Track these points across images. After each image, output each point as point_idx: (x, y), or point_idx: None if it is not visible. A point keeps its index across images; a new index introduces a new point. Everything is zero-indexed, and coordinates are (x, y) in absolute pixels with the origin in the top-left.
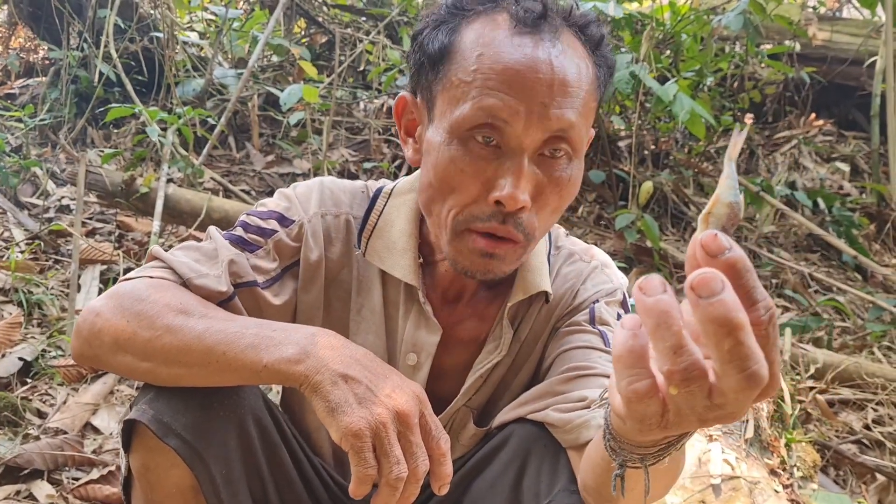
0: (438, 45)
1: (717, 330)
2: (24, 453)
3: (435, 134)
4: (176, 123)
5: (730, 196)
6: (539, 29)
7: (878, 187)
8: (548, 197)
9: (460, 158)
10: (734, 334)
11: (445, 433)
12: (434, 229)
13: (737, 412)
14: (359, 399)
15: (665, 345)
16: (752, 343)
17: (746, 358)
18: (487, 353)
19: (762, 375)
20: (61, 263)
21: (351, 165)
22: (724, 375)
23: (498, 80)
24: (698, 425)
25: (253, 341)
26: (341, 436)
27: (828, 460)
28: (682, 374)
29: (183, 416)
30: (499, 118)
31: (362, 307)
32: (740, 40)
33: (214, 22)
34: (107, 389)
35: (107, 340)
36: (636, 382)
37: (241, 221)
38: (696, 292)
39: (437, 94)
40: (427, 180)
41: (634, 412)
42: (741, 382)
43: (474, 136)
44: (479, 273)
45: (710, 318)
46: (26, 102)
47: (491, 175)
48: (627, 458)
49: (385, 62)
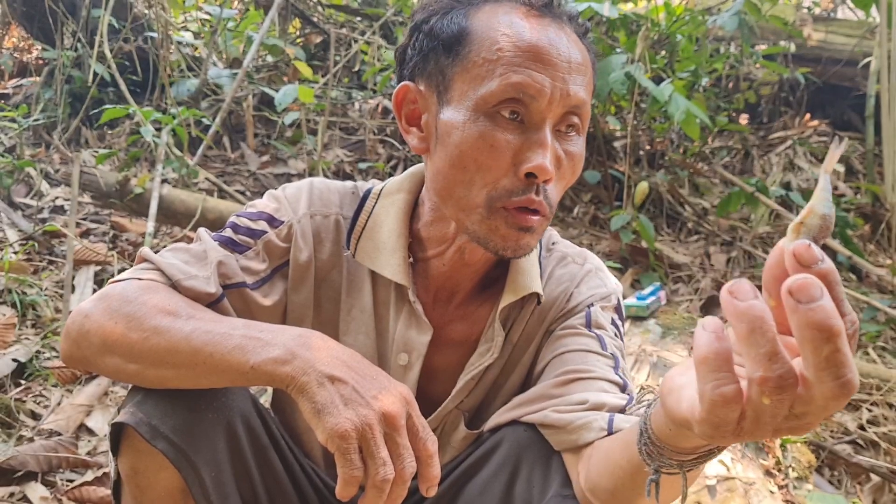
0: (455, 29)
1: (816, 336)
2: (18, 455)
3: (455, 115)
4: (170, 124)
5: (824, 208)
6: (548, 14)
7: (872, 188)
8: (564, 170)
9: (489, 133)
10: (833, 340)
11: (433, 434)
12: (457, 213)
13: (814, 423)
14: (345, 400)
15: (760, 351)
16: (847, 350)
17: (842, 365)
18: (479, 355)
19: (855, 384)
20: (55, 264)
21: (346, 166)
22: (819, 383)
23: (524, 57)
24: (772, 434)
25: (240, 342)
26: (327, 437)
27: (823, 461)
28: (777, 381)
29: (171, 419)
30: (527, 94)
31: (352, 307)
32: (735, 41)
33: (209, 22)
34: (101, 391)
35: (95, 342)
36: (723, 386)
37: (231, 223)
38: (795, 297)
39: (455, 75)
40: (447, 163)
41: (714, 417)
42: (835, 390)
43: (500, 111)
44: (512, 249)
45: (811, 324)
46: (20, 102)
47: (518, 148)
48: (664, 464)
49: (380, 62)
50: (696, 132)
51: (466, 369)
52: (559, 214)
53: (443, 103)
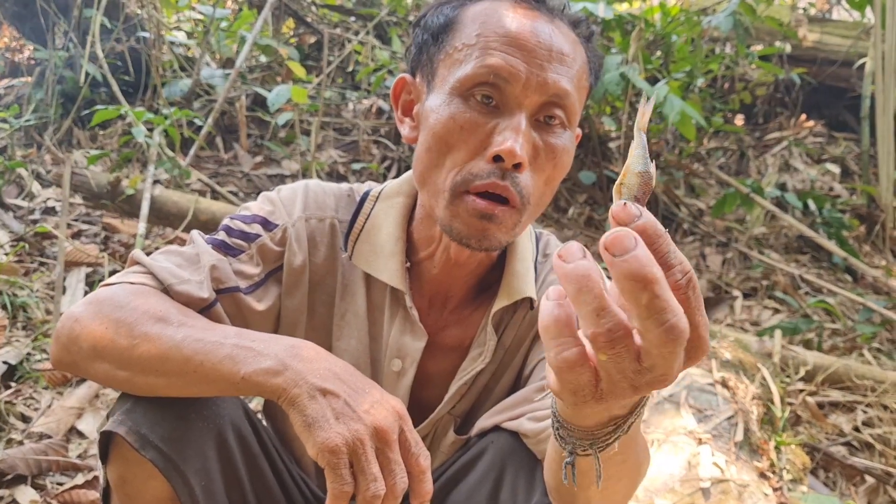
0: (443, 19)
1: (632, 286)
2: (8, 458)
3: (435, 99)
4: (162, 124)
5: (640, 166)
6: (539, 8)
7: (867, 189)
8: (543, 163)
9: (459, 114)
10: (649, 288)
11: (425, 450)
12: (430, 200)
13: (667, 374)
14: (336, 414)
15: (587, 308)
16: (668, 296)
17: (663, 311)
18: (471, 360)
19: (682, 328)
20: (46, 265)
21: (340, 166)
22: (646, 332)
23: (500, 42)
24: (632, 392)
25: (231, 352)
26: (317, 451)
27: (817, 463)
28: (606, 335)
29: (160, 427)
30: (500, 76)
31: (346, 312)
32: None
33: (202, 22)
34: (92, 393)
35: (85, 347)
36: (564, 351)
37: (225, 225)
38: (609, 251)
39: (439, 63)
40: (425, 146)
41: (567, 383)
42: (662, 336)
43: (474, 94)
44: (475, 238)
45: (625, 275)
46: (11, 103)
47: (489, 131)
48: (577, 445)
49: (374, 62)
50: (692, 133)
51: (459, 374)
52: (554, 216)
53: (430, 91)
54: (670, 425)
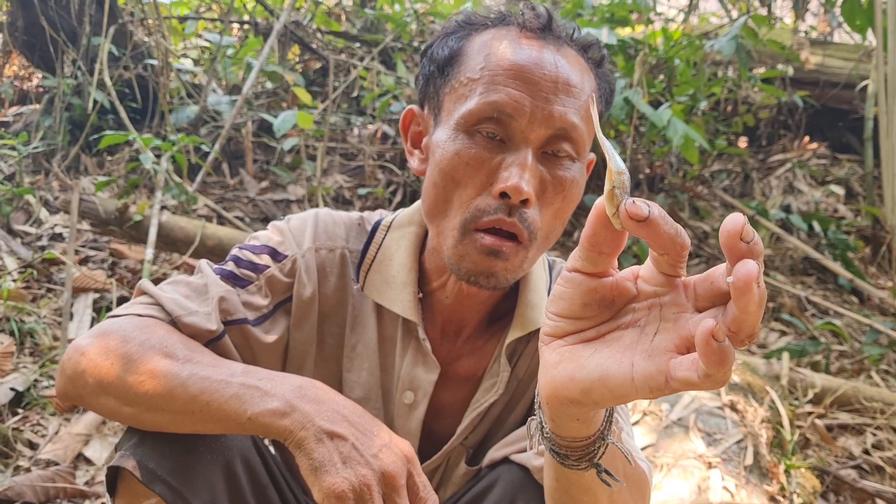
0: (448, 51)
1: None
2: (16, 485)
3: (441, 133)
4: (170, 150)
5: (619, 165)
6: (544, 37)
7: (872, 210)
8: (551, 196)
9: (465, 151)
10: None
11: (434, 493)
12: (438, 239)
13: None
14: (343, 458)
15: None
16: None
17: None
18: (484, 392)
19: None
20: (54, 292)
21: (345, 191)
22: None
23: (504, 76)
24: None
25: (238, 391)
26: (324, 497)
27: (828, 486)
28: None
29: (168, 461)
30: (504, 112)
31: (357, 343)
32: (733, 65)
33: (209, 49)
34: (99, 419)
35: (90, 381)
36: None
37: (233, 255)
38: (744, 239)
39: (445, 96)
40: (431, 181)
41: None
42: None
43: (479, 130)
44: (483, 276)
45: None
46: (20, 130)
47: (495, 167)
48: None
49: (379, 88)
50: (695, 156)
51: (472, 406)
52: (560, 240)
53: (437, 124)
54: (679, 449)
